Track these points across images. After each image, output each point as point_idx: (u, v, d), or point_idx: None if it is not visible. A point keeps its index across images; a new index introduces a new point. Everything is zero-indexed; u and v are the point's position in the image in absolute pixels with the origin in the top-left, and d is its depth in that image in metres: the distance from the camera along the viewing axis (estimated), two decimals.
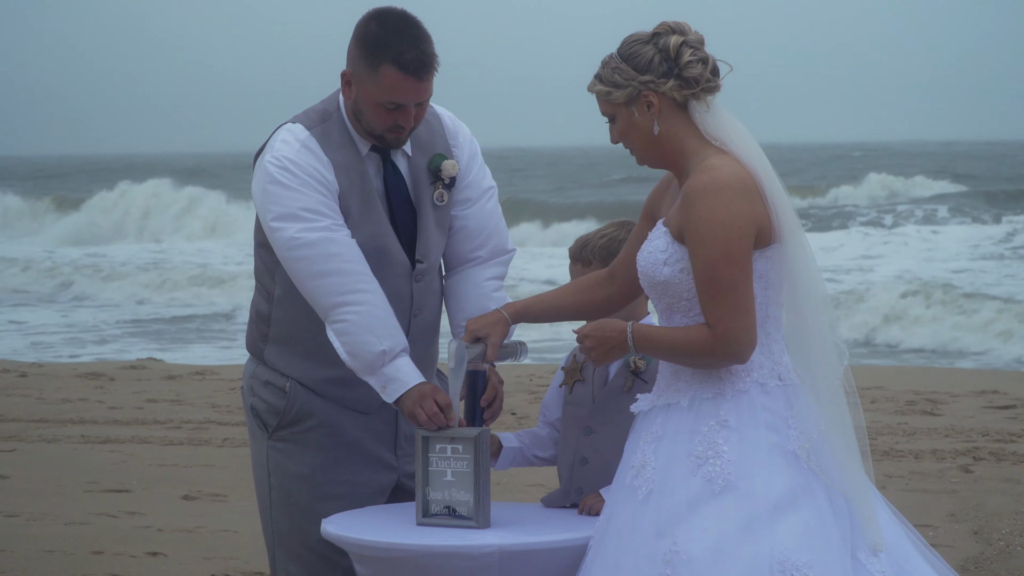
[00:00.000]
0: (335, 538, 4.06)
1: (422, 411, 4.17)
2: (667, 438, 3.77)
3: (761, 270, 3.76)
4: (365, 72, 4.24)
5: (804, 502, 3.66)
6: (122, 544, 7.67)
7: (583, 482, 4.26)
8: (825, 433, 3.73)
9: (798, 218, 3.79)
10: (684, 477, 3.69)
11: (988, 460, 9.39)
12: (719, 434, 3.71)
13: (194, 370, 13.68)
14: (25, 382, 12.88)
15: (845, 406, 3.77)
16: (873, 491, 3.84)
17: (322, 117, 4.37)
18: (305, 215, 4.23)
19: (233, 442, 10.29)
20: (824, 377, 3.77)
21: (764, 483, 3.65)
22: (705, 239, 3.68)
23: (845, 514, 3.72)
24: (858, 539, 3.72)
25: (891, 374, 13.10)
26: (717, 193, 3.68)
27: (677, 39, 3.79)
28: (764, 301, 3.77)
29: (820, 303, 3.79)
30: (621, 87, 3.80)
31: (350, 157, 4.35)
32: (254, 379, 4.51)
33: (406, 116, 4.27)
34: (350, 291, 4.22)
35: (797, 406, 3.76)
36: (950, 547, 7.44)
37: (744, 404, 3.73)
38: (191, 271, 25.50)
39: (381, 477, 4.48)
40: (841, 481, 3.71)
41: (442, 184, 4.45)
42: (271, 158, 4.28)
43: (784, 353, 3.80)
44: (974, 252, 26.49)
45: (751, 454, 3.68)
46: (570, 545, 3.93)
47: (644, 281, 3.86)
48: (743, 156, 3.77)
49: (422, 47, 4.22)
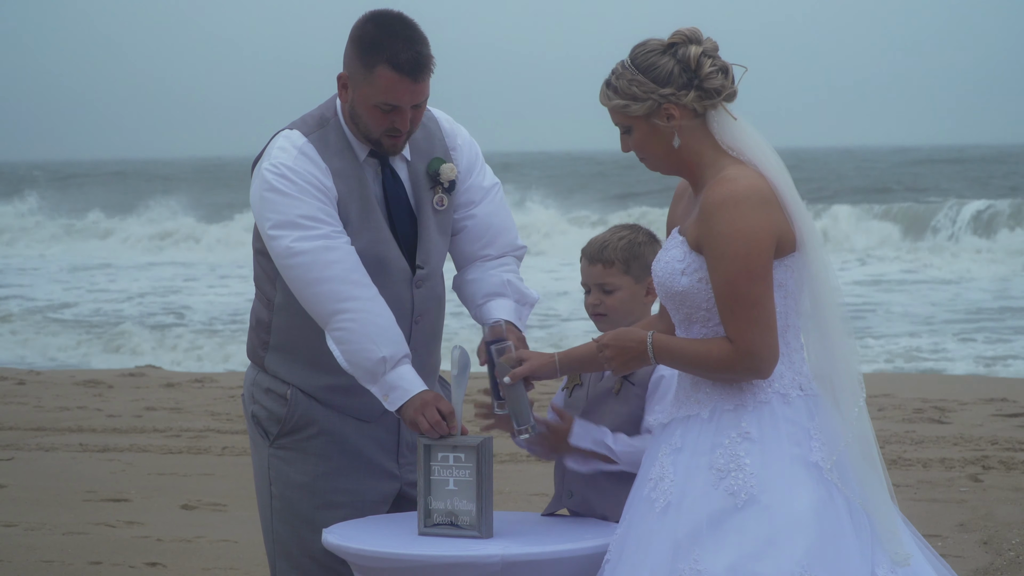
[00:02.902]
0: (336, 548, 4.03)
1: (424, 419, 4.15)
2: (687, 450, 3.73)
3: (780, 279, 3.72)
4: (361, 73, 4.23)
5: (826, 516, 3.62)
6: (121, 554, 7.65)
7: (573, 485, 4.26)
8: (848, 445, 3.69)
9: (816, 227, 3.76)
10: (705, 490, 3.65)
11: (997, 469, 9.34)
12: (741, 446, 3.67)
13: (193, 378, 13.65)
14: (23, 390, 12.85)
15: (867, 418, 3.73)
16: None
17: (319, 123, 4.36)
18: (303, 223, 4.22)
19: (233, 451, 10.26)
20: (847, 387, 3.73)
21: (786, 497, 3.61)
22: (725, 254, 3.64)
23: (866, 528, 3.67)
24: (879, 555, 3.66)
25: (899, 381, 13.05)
26: (736, 206, 3.64)
27: (696, 49, 3.73)
28: (784, 310, 3.73)
29: (840, 312, 3.74)
30: (640, 100, 3.74)
31: (348, 163, 4.33)
32: (255, 386, 4.50)
33: (402, 118, 4.25)
34: (349, 298, 4.20)
35: (819, 417, 3.72)
36: (959, 557, 7.41)
37: (766, 416, 3.69)
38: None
39: (383, 486, 4.46)
40: (863, 495, 3.67)
41: (441, 188, 4.43)
42: (268, 165, 4.27)
43: (804, 363, 3.76)
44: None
45: (773, 467, 3.64)
46: (574, 555, 3.90)
47: (661, 292, 3.82)
48: (761, 165, 3.73)
49: (418, 48, 4.21)
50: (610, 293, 4.26)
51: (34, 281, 26.10)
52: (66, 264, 29.65)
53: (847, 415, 3.70)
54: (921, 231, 29.43)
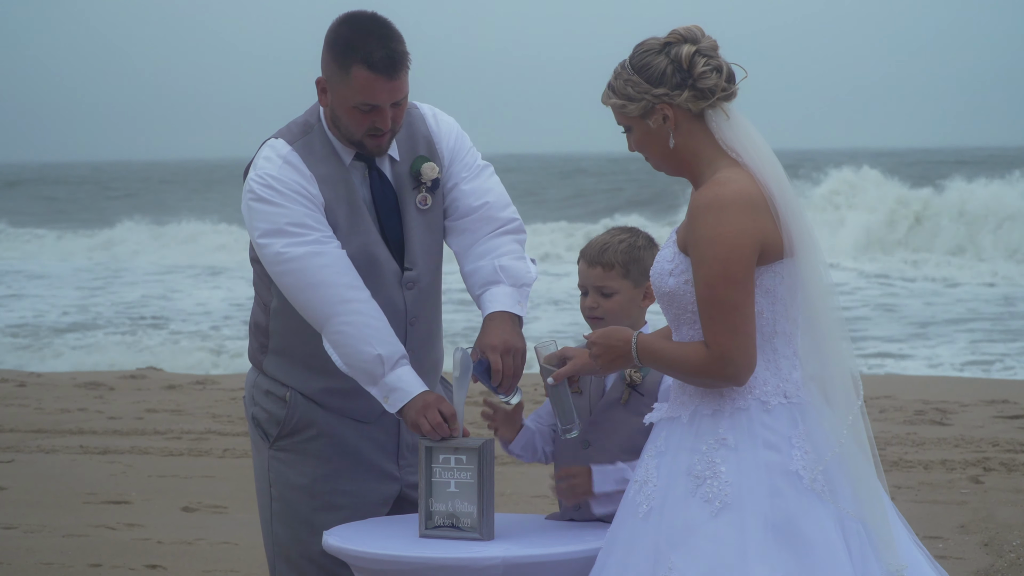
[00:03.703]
0: (336, 550, 4.02)
1: (426, 421, 4.14)
2: (668, 454, 3.70)
3: (769, 285, 3.67)
4: (337, 76, 4.24)
5: (806, 525, 3.55)
6: (121, 557, 7.64)
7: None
8: (840, 454, 3.62)
9: (814, 233, 3.71)
10: (683, 497, 3.61)
11: (998, 471, 9.33)
12: (717, 453, 3.62)
13: (194, 380, 13.64)
14: (23, 392, 12.84)
15: (862, 424, 3.67)
16: (889, 507, 3.74)
17: (304, 130, 4.36)
18: (291, 229, 4.23)
19: (234, 453, 10.25)
20: (842, 393, 3.67)
21: (762, 506, 3.55)
22: (706, 257, 3.60)
23: (859, 538, 3.60)
24: (872, 565, 3.59)
25: (900, 383, 13.03)
26: (720, 210, 3.60)
27: (689, 48, 3.69)
28: (772, 316, 3.68)
29: (834, 318, 3.69)
30: (635, 100, 3.71)
31: (334, 168, 4.33)
32: (255, 388, 4.50)
33: (382, 117, 4.24)
34: (342, 301, 4.20)
35: (805, 425, 3.65)
36: (960, 559, 7.39)
37: (743, 422, 3.64)
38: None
39: (383, 487, 4.45)
40: (855, 504, 3.60)
41: (424, 187, 4.40)
42: (254, 176, 4.30)
43: (794, 369, 3.69)
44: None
45: (749, 475, 3.58)
46: (575, 557, 3.89)
47: (654, 291, 3.80)
48: (756, 167, 3.68)
49: (391, 46, 4.21)
50: (608, 296, 4.23)
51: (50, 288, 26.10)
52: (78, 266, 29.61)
53: (842, 421, 3.64)
54: (923, 228, 29.30)
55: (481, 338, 4.25)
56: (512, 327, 4.29)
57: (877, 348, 16.59)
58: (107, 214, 40.20)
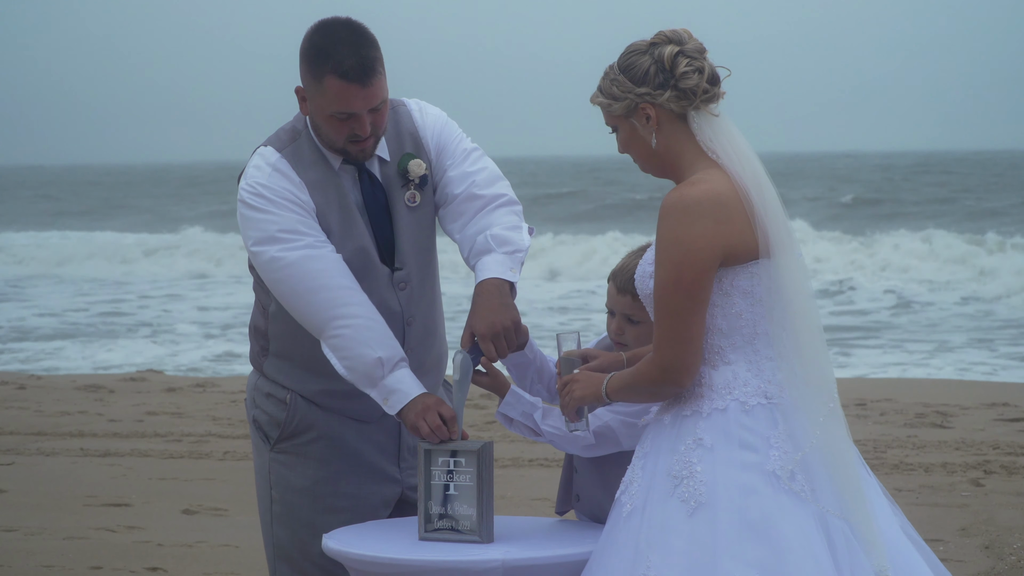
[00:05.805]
0: (336, 553, 4.02)
1: (425, 423, 4.14)
2: (652, 455, 3.73)
3: (747, 286, 3.67)
4: (313, 86, 4.22)
5: (782, 523, 3.55)
6: (121, 559, 7.64)
7: (580, 490, 4.28)
8: (819, 454, 3.61)
9: (794, 235, 3.70)
10: (663, 497, 3.63)
11: (999, 474, 9.33)
12: (694, 453, 3.64)
13: (195, 382, 13.64)
14: (23, 394, 12.84)
15: (842, 426, 3.67)
16: (889, 507, 3.73)
17: (292, 136, 4.36)
18: (284, 236, 4.23)
19: (234, 455, 10.25)
20: (814, 393, 3.66)
21: (737, 505, 3.56)
22: (661, 260, 3.63)
23: (844, 537, 3.59)
24: (860, 563, 3.58)
25: (900, 386, 13.03)
26: (682, 213, 3.61)
27: (672, 49, 3.71)
28: (752, 318, 3.68)
29: (812, 320, 3.68)
30: (619, 99, 3.74)
31: (324, 173, 4.32)
32: (256, 391, 4.50)
33: (361, 124, 4.22)
34: (339, 305, 4.19)
35: (786, 425, 3.65)
36: (961, 562, 7.39)
37: (719, 423, 3.65)
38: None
39: (384, 490, 4.45)
40: (837, 504, 3.59)
41: (413, 184, 4.38)
42: (244, 185, 4.30)
43: (776, 371, 3.69)
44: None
45: (725, 474, 3.59)
46: (574, 560, 3.89)
47: (638, 293, 3.83)
48: (734, 168, 3.68)
49: (362, 52, 4.17)
50: (636, 324, 4.22)
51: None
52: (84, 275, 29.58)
53: (813, 421, 3.63)
54: (929, 236, 29.26)
55: (469, 319, 4.17)
56: (500, 298, 4.18)
57: (884, 352, 16.60)
58: (109, 216, 40.26)
